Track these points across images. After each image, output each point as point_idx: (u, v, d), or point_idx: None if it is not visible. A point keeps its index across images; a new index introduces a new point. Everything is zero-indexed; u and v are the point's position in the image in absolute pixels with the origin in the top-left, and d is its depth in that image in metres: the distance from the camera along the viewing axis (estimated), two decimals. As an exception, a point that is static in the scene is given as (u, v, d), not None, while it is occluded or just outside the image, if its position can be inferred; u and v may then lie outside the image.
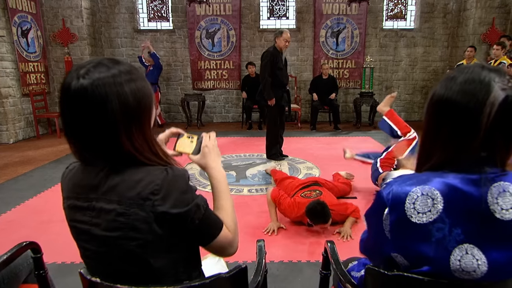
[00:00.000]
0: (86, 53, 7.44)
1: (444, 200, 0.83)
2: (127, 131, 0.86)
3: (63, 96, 0.86)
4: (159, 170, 0.89)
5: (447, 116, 0.85)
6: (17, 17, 6.45)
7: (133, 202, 0.85)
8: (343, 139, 6.49)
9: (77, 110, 0.84)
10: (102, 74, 0.84)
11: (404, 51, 8.14)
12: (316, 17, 7.94)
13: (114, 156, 0.88)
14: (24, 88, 6.62)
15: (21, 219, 3.24)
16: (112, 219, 0.86)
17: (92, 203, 0.89)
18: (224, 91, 8.36)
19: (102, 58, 0.90)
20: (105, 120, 0.83)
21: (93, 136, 0.86)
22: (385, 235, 0.91)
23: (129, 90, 0.86)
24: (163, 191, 0.86)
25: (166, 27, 8.12)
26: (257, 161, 4.99)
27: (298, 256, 2.55)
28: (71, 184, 0.94)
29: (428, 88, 8.28)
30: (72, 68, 0.88)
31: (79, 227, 0.92)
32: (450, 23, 8.00)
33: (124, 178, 0.88)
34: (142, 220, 0.85)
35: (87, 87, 0.82)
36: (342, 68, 8.16)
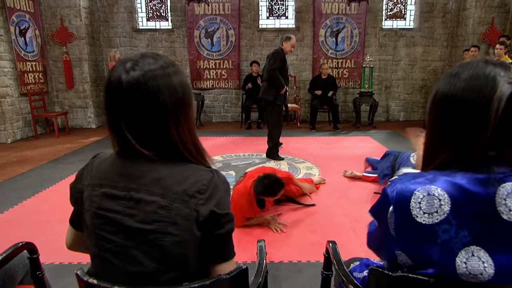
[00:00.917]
0: (84, 52, 7.41)
1: (451, 202, 0.80)
2: (176, 122, 0.89)
3: (113, 90, 0.87)
4: (206, 171, 0.91)
5: (452, 114, 0.83)
6: (15, 16, 6.42)
7: (177, 197, 0.85)
8: (342, 138, 6.47)
9: (130, 103, 0.85)
10: (152, 65, 0.87)
11: (404, 51, 8.12)
12: (315, 16, 7.92)
13: (160, 148, 0.89)
14: (22, 87, 6.59)
15: (18, 219, 3.21)
16: (152, 211, 0.85)
17: (131, 193, 0.87)
18: (223, 90, 8.33)
19: (143, 52, 0.92)
20: (156, 111, 0.86)
21: (143, 128, 0.87)
22: (389, 232, 0.89)
23: (177, 82, 0.89)
24: (208, 192, 0.87)
25: (165, 26, 8.10)
26: (256, 160, 4.96)
27: (298, 256, 2.52)
28: (108, 172, 0.93)
29: (427, 88, 8.27)
30: (116, 64, 0.89)
31: (108, 216, 0.89)
32: (449, 22, 8.00)
33: (169, 173, 0.88)
34: (184, 216, 0.85)
35: (139, 79, 0.84)
36: (342, 68, 8.15)
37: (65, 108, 7.61)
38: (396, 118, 8.43)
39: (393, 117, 8.45)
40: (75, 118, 7.73)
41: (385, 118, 8.43)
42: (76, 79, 7.51)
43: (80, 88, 7.55)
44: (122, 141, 0.90)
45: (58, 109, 7.58)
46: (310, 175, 4.30)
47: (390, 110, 8.44)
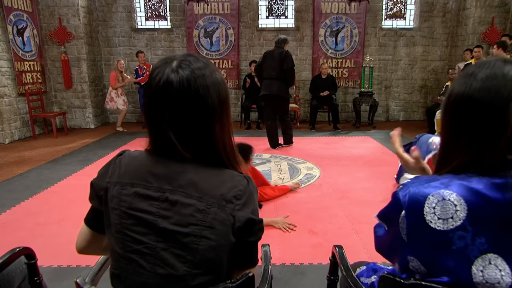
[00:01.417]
0: (83, 52, 7.36)
1: (467, 207, 0.77)
2: (220, 124, 0.88)
3: (160, 90, 0.84)
4: (241, 177, 0.90)
5: (468, 116, 0.80)
6: (12, 15, 6.36)
7: (215, 202, 0.84)
8: (342, 138, 6.44)
9: (179, 103, 0.84)
10: (197, 64, 0.86)
11: (404, 51, 8.10)
12: (315, 16, 7.89)
13: (201, 150, 0.88)
14: (20, 87, 6.54)
15: (16, 221, 3.17)
16: (188, 214, 0.83)
17: (165, 194, 0.85)
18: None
19: (182, 53, 0.92)
20: (205, 111, 0.85)
21: (189, 129, 0.86)
22: (401, 237, 0.85)
23: (220, 80, 0.89)
24: (244, 198, 0.87)
25: (164, 26, 8.06)
26: (257, 161, 4.93)
27: (300, 258, 2.49)
28: (140, 172, 0.90)
29: (427, 88, 8.25)
30: (158, 64, 0.88)
31: (140, 217, 0.86)
32: (449, 22, 7.98)
33: (206, 176, 0.87)
34: (220, 221, 0.84)
35: (190, 78, 0.83)
36: (341, 68, 8.12)
37: (64, 108, 7.56)
38: (396, 118, 8.41)
39: (393, 117, 8.42)
40: (73, 118, 7.68)
41: (385, 118, 8.40)
42: (75, 79, 7.46)
43: (78, 88, 7.50)
44: (161, 141, 0.88)
45: (56, 109, 7.53)
46: (311, 175, 4.27)
47: (390, 110, 8.42)
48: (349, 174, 4.33)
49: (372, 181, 4.07)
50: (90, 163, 4.91)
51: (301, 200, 3.53)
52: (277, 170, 4.51)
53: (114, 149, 5.60)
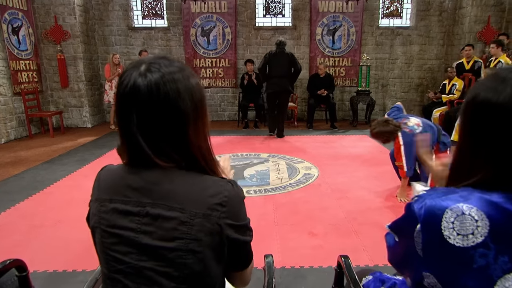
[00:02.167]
0: (79, 50, 7.24)
1: (489, 223, 0.70)
2: (195, 128, 0.82)
3: (128, 95, 0.78)
4: (224, 182, 0.84)
5: (500, 126, 0.71)
6: (7, 14, 6.24)
7: (198, 212, 0.78)
8: (340, 137, 6.38)
9: (148, 109, 0.77)
10: (169, 67, 0.80)
11: (400, 49, 8.05)
12: (312, 14, 7.81)
13: (177, 156, 0.81)
14: (15, 86, 6.42)
15: (11, 223, 3.09)
16: (171, 228, 0.77)
17: (146, 208, 0.79)
18: (220, 89, 8.21)
19: (154, 55, 0.85)
20: (177, 117, 0.78)
21: (161, 135, 0.79)
22: (416, 252, 0.79)
23: (195, 84, 0.83)
24: (230, 204, 0.81)
25: (161, 24, 7.95)
26: (255, 160, 4.86)
27: (301, 261, 2.43)
28: (118, 186, 0.83)
29: (424, 86, 8.20)
30: (127, 68, 0.82)
31: (121, 235, 0.80)
32: (445, 21, 7.93)
33: (186, 184, 0.81)
34: (206, 231, 0.78)
35: (159, 82, 0.77)
36: (338, 66, 8.06)
37: (60, 107, 7.44)
38: (393, 116, 8.36)
39: (390, 116, 8.37)
40: (70, 118, 7.57)
41: (382, 116, 8.34)
42: (71, 78, 7.35)
43: (75, 87, 7.39)
44: (134, 151, 0.81)
45: (52, 109, 7.42)
46: (310, 175, 4.21)
47: (387, 108, 8.36)
48: (348, 173, 4.28)
49: (371, 181, 4.02)
50: (86, 163, 4.82)
51: (300, 201, 3.47)
52: (275, 170, 4.44)
53: (111, 148, 5.51)
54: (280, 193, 3.66)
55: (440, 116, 6.14)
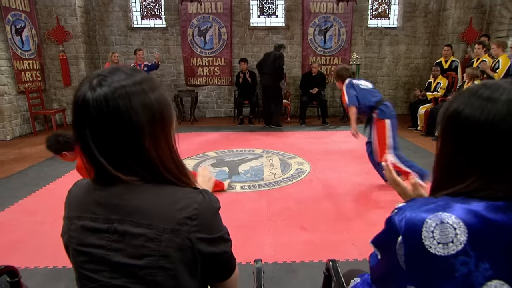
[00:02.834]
0: (80, 50, 7.10)
1: (468, 231, 0.66)
2: (153, 140, 0.74)
3: (78, 110, 0.72)
4: (195, 193, 0.76)
5: (485, 142, 0.68)
6: (10, 15, 6.09)
7: (167, 227, 0.71)
8: (331, 133, 6.33)
9: (98, 124, 0.70)
10: (123, 81, 0.72)
11: (388, 49, 7.97)
12: (304, 15, 7.71)
13: (139, 170, 0.74)
14: (19, 85, 6.29)
15: (13, 220, 3.02)
16: (140, 245, 0.71)
17: (114, 225, 0.73)
18: (216, 87, 8.11)
19: (117, 66, 0.78)
20: (129, 131, 0.71)
21: (117, 149, 0.72)
22: (399, 265, 0.74)
23: (154, 99, 0.74)
24: (201, 216, 0.74)
25: (159, 25, 7.80)
26: (249, 156, 4.80)
27: (292, 256, 2.38)
28: (85, 203, 0.77)
29: (410, 84, 8.15)
30: (81, 81, 0.75)
31: (91, 253, 0.74)
32: (430, 22, 7.86)
33: (154, 198, 0.74)
34: (176, 247, 0.71)
35: (108, 96, 0.70)
36: (330, 65, 7.98)
37: (63, 105, 7.31)
38: (381, 112, 8.32)
39: (378, 112, 8.33)
40: (73, 115, 7.43)
41: (370, 113, 8.31)
42: (73, 76, 7.21)
43: (77, 86, 7.24)
44: (96, 166, 0.74)
45: (56, 106, 7.28)
46: (302, 170, 4.16)
47: (375, 105, 8.32)
48: (338, 169, 4.23)
49: (361, 176, 3.97)
50: (88, 160, 4.73)
51: (292, 196, 3.42)
52: (269, 165, 4.38)
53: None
54: (273, 189, 3.61)
55: (425, 113, 6.10)
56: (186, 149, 5.18)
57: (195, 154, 4.88)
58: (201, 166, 4.05)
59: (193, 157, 4.72)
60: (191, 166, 4.32)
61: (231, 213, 3.02)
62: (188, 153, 4.91)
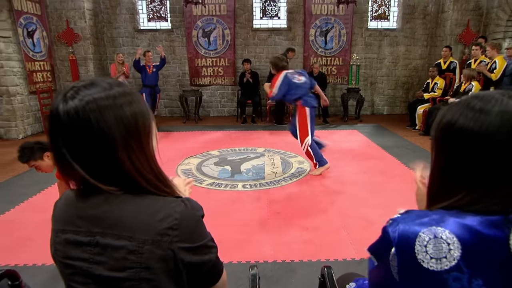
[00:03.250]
0: (89, 52, 7.09)
1: (461, 246, 0.63)
2: (127, 150, 0.71)
3: (50, 122, 0.70)
4: (176, 202, 0.73)
5: (479, 153, 0.65)
6: (22, 18, 6.08)
7: (147, 239, 0.68)
8: (332, 132, 6.28)
9: (69, 135, 0.68)
10: (96, 95, 0.69)
11: (388, 50, 7.89)
12: (306, 17, 7.64)
13: (116, 179, 0.71)
14: (31, 86, 6.30)
15: (23, 218, 3.01)
16: (121, 257, 0.69)
17: (95, 238, 0.70)
18: (220, 87, 8.07)
19: (96, 78, 0.73)
20: (101, 143, 0.68)
21: (91, 160, 0.69)
22: (392, 276, 0.71)
23: (130, 112, 0.71)
24: (182, 226, 0.71)
25: (165, 26, 7.77)
26: (251, 155, 4.77)
27: (292, 255, 2.35)
28: (69, 215, 0.74)
29: (409, 84, 8.07)
30: (59, 91, 0.72)
31: (75, 266, 0.72)
32: (429, 24, 7.76)
33: (134, 209, 0.71)
34: (157, 258, 0.69)
35: (78, 109, 0.67)
36: (330, 65, 7.91)
37: (73, 104, 7.31)
38: (381, 111, 8.24)
39: (378, 111, 8.25)
40: (82, 114, 7.44)
41: (370, 112, 8.23)
42: (82, 77, 7.20)
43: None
44: (74, 176, 0.71)
45: (66, 106, 7.28)
46: (302, 169, 4.13)
47: (375, 105, 8.25)
48: (338, 167, 4.19)
49: (360, 175, 3.93)
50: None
51: (293, 195, 3.39)
52: (270, 164, 4.35)
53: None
54: (274, 187, 3.58)
55: (424, 112, 6.03)
56: (190, 147, 5.16)
57: (198, 152, 4.85)
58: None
59: (196, 156, 4.70)
60: (194, 165, 4.30)
61: (233, 212, 2.99)
62: (192, 151, 4.89)
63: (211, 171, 4.07)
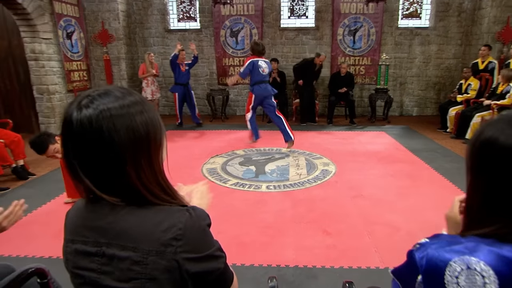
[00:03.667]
0: (122, 52, 7.30)
1: (498, 281, 0.57)
2: (135, 164, 0.70)
3: (63, 129, 0.70)
4: (181, 212, 0.72)
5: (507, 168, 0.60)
6: (62, 21, 6.34)
7: (151, 249, 0.68)
8: (358, 133, 6.11)
9: (81, 144, 0.68)
10: (110, 104, 0.69)
11: (419, 49, 7.56)
12: (334, 16, 7.47)
13: (122, 192, 0.71)
14: (68, 84, 6.56)
15: (58, 211, 3.14)
16: (126, 268, 0.69)
17: (102, 248, 0.71)
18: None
19: (109, 87, 0.74)
20: (111, 153, 0.68)
21: (100, 171, 0.69)
22: None
23: (140, 121, 0.71)
24: (187, 236, 0.69)
25: (194, 26, 7.86)
26: (276, 155, 4.73)
27: (314, 260, 2.30)
28: (77, 226, 0.75)
29: (441, 85, 7.71)
30: (73, 99, 0.72)
31: (84, 276, 0.73)
32: (464, 21, 7.35)
33: (139, 220, 0.70)
34: (162, 269, 0.68)
35: (92, 118, 0.67)
36: (358, 65, 7.70)
37: (106, 102, 7.56)
38: (410, 113, 7.93)
39: (407, 112, 7.95)
40: (115, 111, 7.67)
41: (399, 113, 7.94)
42: (115, 76, 7.44)
43: (118, 84, 7.34)
44: (82, 185, 0.71)
45: (100, 103, 7.55)
46: (327, 172, 4.04)
47: (404, 105, 7.95)
48: (364, 170, 4.07)
49: (386, 179, 3.80)
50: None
51: (317, 198, 3.32)
52: (295, 165, 4.29)
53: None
54: (298, 189, 3.52)
55: (456, 115, 5.73)
56: (216, 146, 5.19)
57: (224, 152, 4.88)
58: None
59: (222, 155, 4.72)
60: (219, 164, 4.32)
61: (256, 214, 2.97)
62: (218, 150, 4.92)
63: (236, 171, 4.08)
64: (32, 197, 3.48)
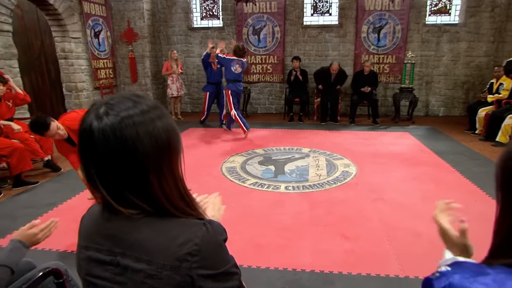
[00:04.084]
0: (146, 50, 7.42)
1: None
2: (158, 174, 0.68)
3: (83, 139, 0.67)
4: (197, 226, 0.70)
5: None
6: (90, 20, 6.52)
7: (166, 264, 0.66)
8: (381, 134, 5.93)
9: (103, 155, 0.65)
10: (130, 110, 0.67)
11: (447, 46, 7.24)
12: (358, 13, 7.27)
13: (142, 204, 0.69)
14: (95, 82, 6.75)
15: (82, 206, 3.22)
16: (140, 281, 0.67)
17: (117, 258, 0.70)
18: (268, 84, 8.02)
19: (123, 93, 0.72)
20: (135, 164, 0.66)
21: (120, 183, 0.67)
22: None
23: (161, 127, 0.69)
24: (202, 251, 0.67)
25: (217, 24, 7.87)
26: (296, 155, 4.66)
27: (331, 265, 2.24)
28: (92, 233, 0.74)
29: (470, 84, 7.35)
30: (89, 108, 0.70)
31: (96, 284, 0.72)
32: (498, 17, 6.96)
33: (155, 233, 0.68)
34: (175, 284, 0.66)
35: (114, 127, 0.64)
36: (383, 63, 7.47)
37: (131, 99, 7.72)
38: (436, 113, 7.63)
39: (433, 112, 7.65)
40: (139, 108, 7.83)
41: (424, 113, 7.65)
42: (140, 73, 7.58)
43: (142, 82, 7.62)
44: (100, 196, 0.70)
45: (125, 100, 7.72)
46: (348, 173, 3.94)
47: (430, 105, 7.65)
48: (386, 173, 3.93)
49: (408, 182, 3.66)
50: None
51: (336, 200, 3.24)
52: (315, 166, 4.22)
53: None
54: (317, 191, 3.46)
55: (485, 116, 5.44)
56: (236, 144, 5.19)
57: (244, 150, 4.86)
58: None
59: (241, 154, 4.71)
60: (239, 163, 4.31)
61: (274, 215, 2.94)
62: (238, 149, 4.91)
63: (255, 170, 4.05)
64: (59, 191, 3.61)
